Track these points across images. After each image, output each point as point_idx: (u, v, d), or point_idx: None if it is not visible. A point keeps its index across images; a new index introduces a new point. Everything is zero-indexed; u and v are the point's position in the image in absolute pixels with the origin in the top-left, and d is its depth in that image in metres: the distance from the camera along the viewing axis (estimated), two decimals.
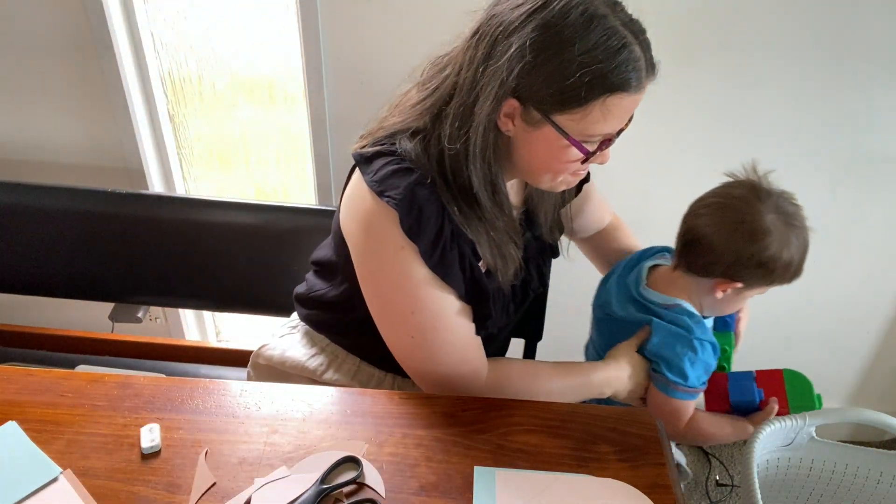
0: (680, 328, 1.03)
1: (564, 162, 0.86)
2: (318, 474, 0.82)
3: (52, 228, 1.34)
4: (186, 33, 1.55)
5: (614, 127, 0.84)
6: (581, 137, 0.83)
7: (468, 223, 0.90)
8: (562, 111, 0.81)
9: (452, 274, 0.90)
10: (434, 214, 0.87)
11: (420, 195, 0.86)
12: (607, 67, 0.78)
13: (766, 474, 0.97)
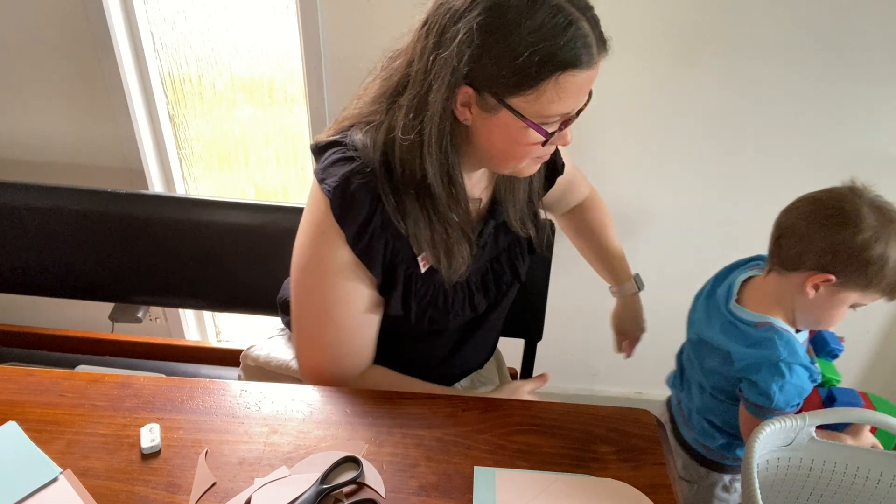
0: (766, 350, 0.99)
1: (525, 145, 0.85)
2: (318, 474, 0.82)
3: (52, 228, 1.34)
4: (186, 33, 1.55)
5: (571, 106, 0.83)
6: (539, 119, 0.83)
7: (407, 216, 0.90)
8: (516, 94, 0.81)
9: (375, 264, 0.92)
10: (366, 203, 0.88)
11: (354, 184, 0.88)
12: (556, 45, 0.77)
13: (766, 474, 0.97)
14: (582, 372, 1.92)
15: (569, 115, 0.85)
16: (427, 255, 0.94)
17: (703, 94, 1.45)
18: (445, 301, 0.99)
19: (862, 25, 1.35)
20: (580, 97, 0.84)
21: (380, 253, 0.91)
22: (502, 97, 0.81)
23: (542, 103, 0.81)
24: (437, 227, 0.92)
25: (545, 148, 0.88)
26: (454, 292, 0.99)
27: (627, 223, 1.65)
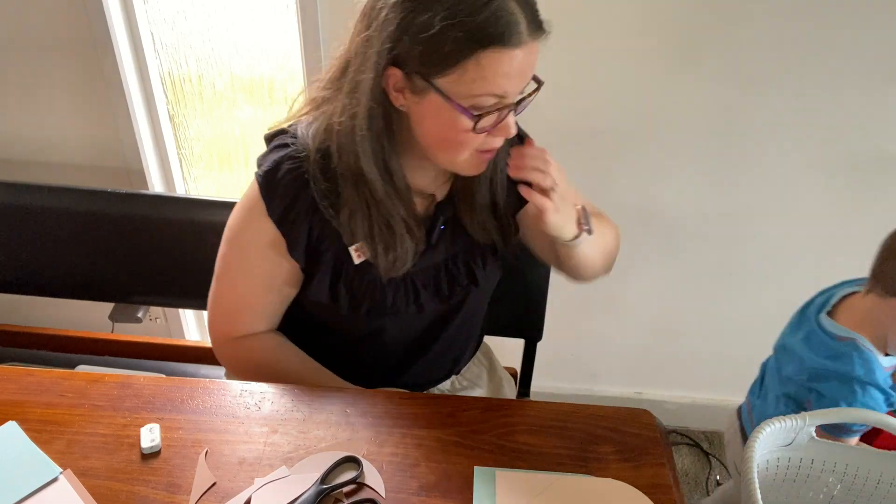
0: (842, 365, 0.97)
1: (458, 132, 0.81)
2: (318, 474, 0.82)
3: (52, 228, 1.34)
4: (186, 33, 1.55)
5: (501, 88, 0.78)
6: (466, 101, 0.79)
7: (342, 205, 0.89)
8: (440, 73, 0.78)
9: (296, 247, 0.93)
10: (291, 188, 0.90)
11: (283, 168, 0.90)
12: (474, 21, 0.74)
13: (766, 474, 0.97)
14: (582, 372, 1.92)
15: (504, 101, 0.80)
16: (362, 247, 0.92)
17: (702, 95, 1.45)
18: (384, 295, 0.96)
19: (862, 25, 1.35)
20: (511, 80, 0.79)
21: (303, 236, 0.92)
22: (428, 77, 0.78)
23: (466, 84, 0.78)
24: (377, 218, 0.90)
25: (486, 139, 0.84)
26: (395, 287, 0.96)
27: (626, 224, 1.64)
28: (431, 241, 0.96)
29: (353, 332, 1.03)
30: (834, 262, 1.66)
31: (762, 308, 1.75)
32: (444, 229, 0.98)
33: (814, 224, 1.61)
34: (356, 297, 0.96)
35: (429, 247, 0.97)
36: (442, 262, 0.99)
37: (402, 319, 1.01)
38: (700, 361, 1.87)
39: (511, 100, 0.81)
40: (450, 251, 0.99)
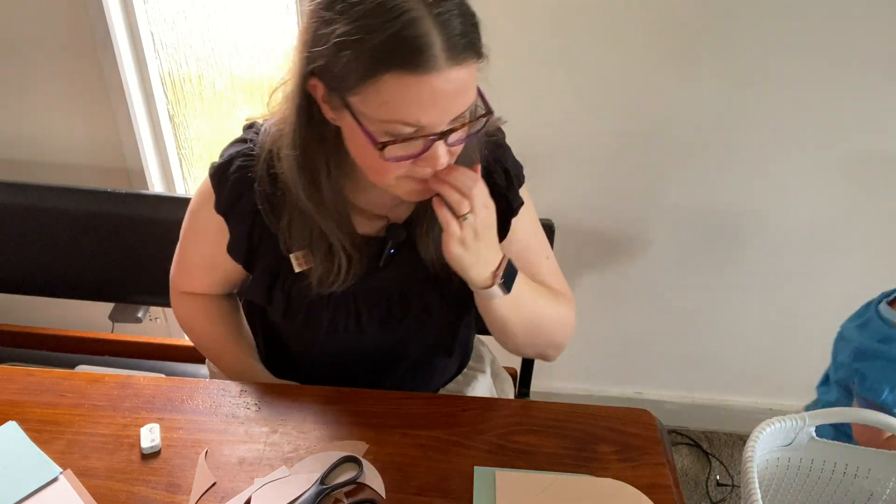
0: (889, 348, 0.97)
1: (373, 157, 0.74)
2: (318, 474, 0.82)
3: (51, 228, 1.34)
4: (186, 33, 1.55)
5: (411, 116, 0.70)
6: (376, 127, 0.72)
7: (280, 209, 0.87)
8: (350, 91, 0.71)
9: (236, 246, 0.93)
10: (238, 186, 0.89)
11: (235, 165, 0.89)
12: (375, 39, 0.67)
13: (766, 474, 0.97)
14: (582, 372, 1.92)
15: (424, 131, 0.72)
16: (301, 257, 0.89)
17: (702, 95, 1.45)
18: (321, 310, 0.93)
19: (862, 25, 1.35)
20: (424, 110, 0.70)
21: (244, 236, 0.92)
22: (341, 94, 0.72)
23: (372, 108, 0.70)
24: (316, 229, 0.86)
25: (413, 168, 0.76)
26: (335, 305, 0.92)
27: (626, 224, 1.65)
28: (380, 264, 0.91)
29: (302, 342, 1.01)
30: (835, 263, 1.66)
31: (762, 308, 1.75)
32: (396, 254, 0.92)
33: (815, 224, 1.61)
34: (291, 305, 0.93)
35: (376, 269, 0.92)
36: (393, 287, 0.94)
37: (346, 339, 0.96)
38: (700, 361, 1.87)
39: (434, 130, 0.72)
40: (401, 277, 0.93)
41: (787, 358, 1.84)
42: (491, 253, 0.83)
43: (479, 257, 0.82)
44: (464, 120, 0.74)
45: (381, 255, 0.91)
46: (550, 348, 0.99)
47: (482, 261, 0.82)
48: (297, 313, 0.94)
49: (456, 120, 0.73)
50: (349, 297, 0.92)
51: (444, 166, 0.76)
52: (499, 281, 0.84)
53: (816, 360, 1.84)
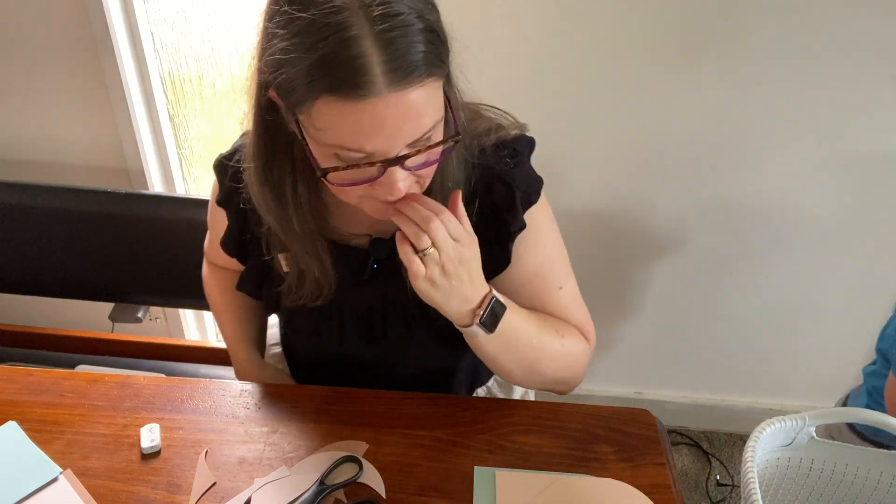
0: None
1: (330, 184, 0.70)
2: (318, 474, 0.82)
3: (52, 228, 1.34)
4: (186, 33, 1.55)
5: (354, 143, 0.64)
6: (322, 148, 0.66)
7: (261, 223, 0.86)
8: (296, 108, 0.65)
9: (229, 237, 0.94)
10: (235, 180, 0.87)
11: (235, 158, 0.88)
12: (309, 59, 0.60)
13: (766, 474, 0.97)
14: None
15: (373, 157, 0.65)
16: (289, 257, 0.86)
17: (702, 95, 1.45)
18: (303, 315, 0.92)
19: (862, 25, 1.35)
20: (367, 138, 0.63)
21: (235, 230, 0.93)
22: (291, 109, 0.66)
23: (314, 130, 0.65)
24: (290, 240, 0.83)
25: (371, 191, 0.69)
26: (320, 311, 0.90)
27: (625, 223, 1.65)
28: (364, 277, 0.88)
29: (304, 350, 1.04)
30: (834, 262, 1.66)
31: (762, 308, 1.75)
32: (380, 268, 0.88)
33: (815, 224, 1.61)
34: (278, 303, 0.93)
35: (360, 282, 0.88)
36: (376, 302, 0.90)
37: (330, 346, 0.95)
38: (700, 361, 1.87)
39: (383, 157, 0.65)
40: (384, 292, 0.89)
41: (787, 358, 1.84)
42: (467, 289, 0.75)
43: (452, 294, 0.74)
44: (427, 142, 0.67)
45: (365, 268, 0.87)
46: (558, 384, 0.91)
47: (456, 298, 0.74)
48: (283, 313, 0.96)
49: (416, 143, 0.66)
50: (333, 307, 0.91)
51: (402, 193, 0.68)
52: (478, 321, 0.77)
53: (817, 360, 1.84)
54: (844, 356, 1.83)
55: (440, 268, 0.71)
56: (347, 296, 0.89)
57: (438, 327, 0.86)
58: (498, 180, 0.82)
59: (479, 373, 1.07)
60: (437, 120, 0.67)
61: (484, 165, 0.81)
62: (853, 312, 1.74)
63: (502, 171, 0.82)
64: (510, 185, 0.82)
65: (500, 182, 0.82)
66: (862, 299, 1.72)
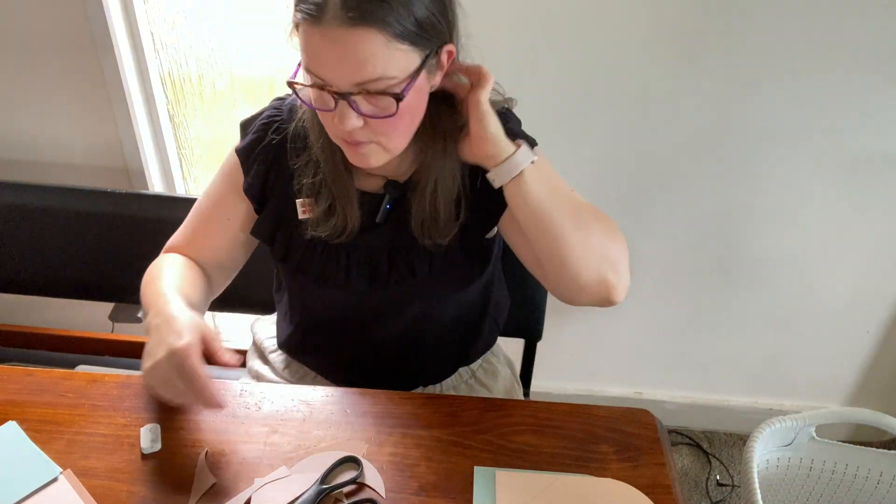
0: None
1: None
2: (318, 474, 0.82)
3: (51, 228, 1.34)
4: (186, 33, 1.55)
5: (312, 66, 0.77)
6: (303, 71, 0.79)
7: (301, 150, 0.94)
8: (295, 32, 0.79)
9: (253, 184, 0.97)
10: (263, 129, 0.95)
11: (263, 115, 0.97)
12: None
13: (766, 474, 0.97)
14: (582, 372, 1.92)
15: (326, 85, 0.77)
16: (307, 204, 0.94)
17: (702, 95, 1.45)
18: (312, 257, 0.96)
19: (862, 25, 1.35)
20: (317, 63, 0.76)
21: (260, 176, 0.96)
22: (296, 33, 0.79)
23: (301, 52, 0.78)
24: (324, 179, 0.92)
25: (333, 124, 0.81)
26: (328, 254, 0.96)
27: (625, 223, 1.65)
28: (378, 220, 0.95)
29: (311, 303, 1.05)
30: (834, 262, 1.66)
31: (762, 308, 1.75)
32: (392, 211, 0.95)
33: (814, 224, 1.61)
34: (290, 249, 0.97)
35: (374, 225, 0.95)
36: (383, 245, 0.96)
37: (336, 293, 0.99)
38: (700, 361, 1.87)
39: (336, 88, 0.77)
40: (392, 236, 0.95)
41: (787, 358, 1.84)
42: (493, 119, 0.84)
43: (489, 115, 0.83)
44: (375, 88, 0.76)
45: (377, 212, 0.94)
46: (607, 266, 0.87)
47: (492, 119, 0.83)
48: (292, 257, 0.98)
49: (363, 86, 0.76)
50: (341, 250, 0.96)
51: (350, 131, 0.79)
52: (525, 143, 0.85)
53: (815, 359, 1.84)
54: (844, 356, 1.83)
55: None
56: (355, 240, 0.95)
57: (441, 269, 0.95)
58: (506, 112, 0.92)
59: (469, 347, 1.11)
60: (386, 75, 0.75)
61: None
62: (853, 312, 1.74)
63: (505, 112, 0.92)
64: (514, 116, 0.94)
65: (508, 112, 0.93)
66: (862, 299, 1.72)
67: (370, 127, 0.80)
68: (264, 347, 1.17)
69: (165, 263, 0.99)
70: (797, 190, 1.56)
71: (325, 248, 0.96)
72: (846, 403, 1.93)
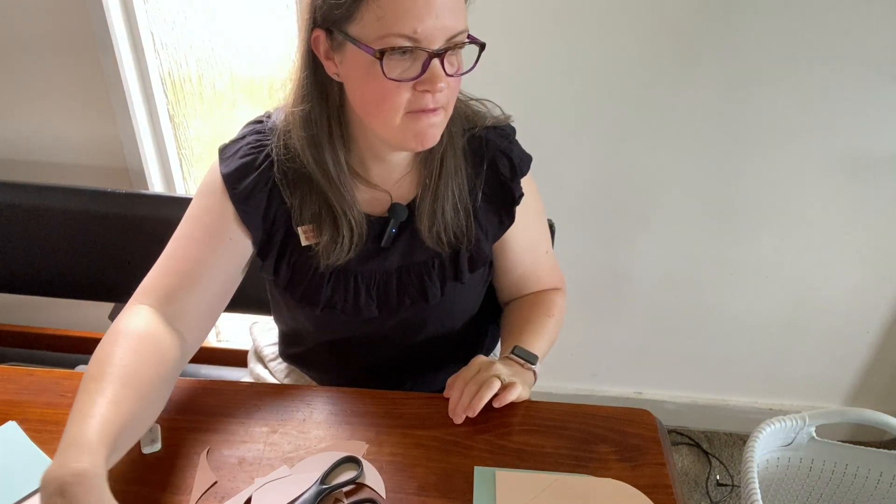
0: None
1: (378, 84, 0.77)
2: (318, 474, 0.82)
3: (52, 228, 1.34)
4: (186, 33, 1.55)
5: (407, 27, 0.73)
6: (375, 44, 0.75)
7: (293, 182, 0.89)
8: (349, 19, 0.75)
9: (252, 217, 0.89)
10: (250, 159, 0.88)
11: (248, 140, 0.90)
12: None
13: (766, 474, 0.97)
14: (582, 372, 1.92)
15: (420, 45, 0.75)
16: (309, 231, 0.91)
17: (702, 94, 1.45)
18: (320, 284, 0.93)
19: (862, 25, 1.35)
20: (419, 19, 0.73)
21: (261, 207, 0.89)
22: (340, 27, 0.76)
23: (371, 25, 0.74)
24: (323, 201, 0.89)
25: (415, 95, 0.78)
26: (336, 282, 0.93)
27: (626, 222, 1.65)
28: (383, 244, 0.93)
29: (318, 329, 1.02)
30: (834, 262, 1.66)
31: (762, 308, 1.75)
32: (397, 235, 0.94)
33: (814, 224, 1.61)
34: (294, 278, 0.94)
35: (380, 250, 0.93)
36: (394, 270, 0.95)
37: (343, 320, 0.97)
38: (700, 361, 1.87)
39: (428, 45, 0.75)
40: (401, 260, 0.94)
41: (787, 358, 1.84)
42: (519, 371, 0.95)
43: (524, 378, 0.94)
44: (461, 41, 0.77)
45: (383, 236, 0.93)
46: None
47: (518, 378, 0.92)
48: (298, 286, 0.94)
49: (454, 40, 0.76)
50: (350, 275, 0.94)
51: (442, 90, 0.78)
52: (534, 365, 0.97)
53: (815, 359, 1.84)
54: (844, 356, 1.83)
55: (508, 375, 0.91)
56: (362, 265, 0.94)
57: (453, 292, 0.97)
58: (501, 153, 0.94)
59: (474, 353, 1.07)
60: (466, 28, 0.78)
61: (485, 139, 0.94)
62: (853, 312, 1.74)
63: (502, 146, 0.95)
64: (510, 157, 0.95)
65: (502, 155, 0.94)
66: (862, 299, 1.72)
67: (449, 88, 0.80)
68: (264, 355, 1.17)
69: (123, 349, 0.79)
70: (797, 190, 1.56)
71: (331, 275, 0.93)
72: (846, 403, 1.93)
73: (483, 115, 0.95)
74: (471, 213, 0.94)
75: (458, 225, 0.94)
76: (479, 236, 0.95)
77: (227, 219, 0.89)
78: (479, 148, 0.94)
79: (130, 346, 0.79)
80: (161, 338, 0.84)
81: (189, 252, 0.89)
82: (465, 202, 0.93)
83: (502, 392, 0.88)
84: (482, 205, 0.95)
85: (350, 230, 0.90)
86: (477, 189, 0.94)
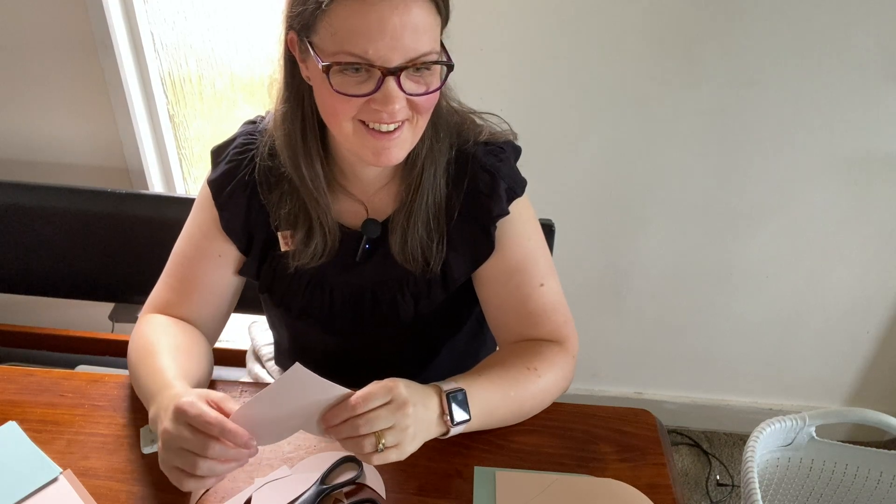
0: None
1: (329, 95, 0.75)
2: (318, 474, 0.82)
3: (52, 228, 1.34)
4: (186, 33, 1.55)
5: (357, 46, 0.71)
6: (330, 57, 0.73)
7: (272, 182, 0.89)
8: (311, 30, 0.74)
9: (232, 222, 0.91)
10: (235, 161, 0.90)
11: (236, 144, 0.91)
12: None
13: (766, 474, 0.97)
14: (582, 372, 1.92)
15: (372, 63, 0.71)
16: (288, 236, 0.90)
17: (702, 95, 1.45)
18: (297, 290, 0.94)
19: (861, 25, 1.35)
20: (371, 41, 0.70)
21: (241, 211, 0.91)
22: (307, 35, 0.75)
23: (326, 38, 0.73)
24: (300, 205, 0.88)
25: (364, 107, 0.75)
26: (312, 289, 0.93)
27: (628, 222, 1.65)
28: (357, 259, 0.92)
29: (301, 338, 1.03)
30: (834, 262, 1.66)
31: (762, 308, 1.75)
32: (372, 250, 0.92)
33: (814, 224, 1.61)
34: (274, 281, 0.95)
35: (356, 264, 0.92)
36: (368, 286, 0.93)
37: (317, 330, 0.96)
38: (700, 361, 1.87)
39: (383, 64, 0.71)
40: (375, 275, 0.92)
41: (787, 358, 1.84)
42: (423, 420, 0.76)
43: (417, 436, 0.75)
44: (424, 62, 0.73)
45: (356, 251, 0.91)
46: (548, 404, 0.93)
47: (422, 433, 0.76)
48: (277, 290, 0.96)
49: (414, 61, 0.72)
50: (326, 285, 0.93)
51: (395, 112, 0.74)
52: (452, 423, 0.79)
53: (816, 359, 1.84)
54: (844, 356, 1.83)
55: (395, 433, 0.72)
56: (338, 276, 0.93)
57: (427, 310, 0.93)
58: (482, 170, 0.88)
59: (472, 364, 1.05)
60: (434, 50, 0.74)
61: (471, 154, 0.88)
62: (853, 312, 1.74)
63: (487, 162, 0.89)
64: (493, 174, 0.89)
65: (484, 171, 0.88)
66: (862, 299, 1.72)
67: (411, 105, 0.77)
68: (262, 355, 1.17)
69: (156, 333, 0.89)
70: (797, 190, 1.56)
71: (309, 281, 0.93)
72: (846, 403, 1.93)
73: (480, 130, 0.90)
74: (444, 233, 0.89)
75: (428, 245, 0.89)
76: (451, 256, 0.90)
77: (214, 232, 0.93)
78: (464, 164, 0.89)
79: (162, 330, 0.90)
80: (184, 324, 0.94)
81: (184, 271, 0.95)
82: (440, 221, 0.89)
83: (372, 454, 0.72)
84: (457, 224, 0.89)
85: (323, 236, 0.89)
86: (454, 207, 0.89)
